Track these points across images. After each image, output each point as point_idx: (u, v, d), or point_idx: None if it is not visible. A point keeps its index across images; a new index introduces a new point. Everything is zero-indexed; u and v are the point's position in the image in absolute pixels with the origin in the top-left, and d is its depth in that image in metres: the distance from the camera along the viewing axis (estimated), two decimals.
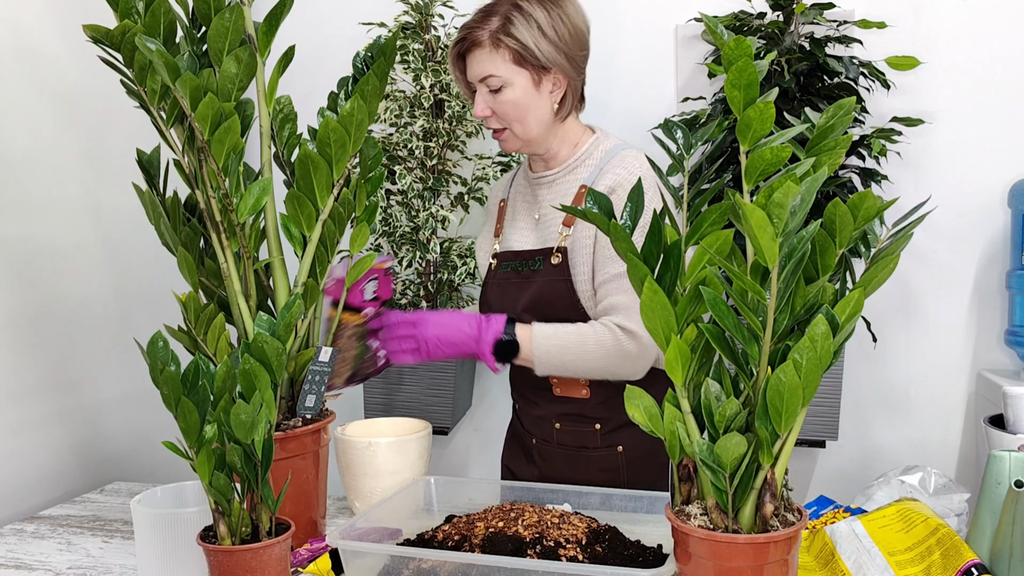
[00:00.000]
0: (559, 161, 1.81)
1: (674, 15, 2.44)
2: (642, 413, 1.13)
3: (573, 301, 1.75)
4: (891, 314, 2.39)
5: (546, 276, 1.77)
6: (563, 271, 1.75)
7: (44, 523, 1.79)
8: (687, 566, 1.13)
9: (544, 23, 1.69)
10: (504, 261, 1.86)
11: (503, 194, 1.95)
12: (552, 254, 1.76)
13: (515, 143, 1.77)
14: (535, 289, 1.78)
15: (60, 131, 2.14)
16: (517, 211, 1.89)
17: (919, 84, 2.30)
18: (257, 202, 1.55)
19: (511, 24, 1.68)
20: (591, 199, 1.14)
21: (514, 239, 1.86)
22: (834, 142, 1.10)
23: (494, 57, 1.69)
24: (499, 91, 1.71)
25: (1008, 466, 1.32)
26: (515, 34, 1.68)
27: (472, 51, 1.72)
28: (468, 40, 1.71)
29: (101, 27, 1.47)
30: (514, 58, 1.69)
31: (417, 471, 1.69)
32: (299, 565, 1.45)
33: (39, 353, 2.05)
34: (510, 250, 1.85)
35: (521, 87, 1.71)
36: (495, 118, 1.75)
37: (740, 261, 1.13)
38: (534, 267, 1.80)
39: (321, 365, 1.63)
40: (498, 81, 1.70)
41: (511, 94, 1.70)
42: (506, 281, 1.84)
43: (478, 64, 1.71)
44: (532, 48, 1.68)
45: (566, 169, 1.80)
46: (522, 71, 1.70)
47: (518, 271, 1.82)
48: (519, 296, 1.81)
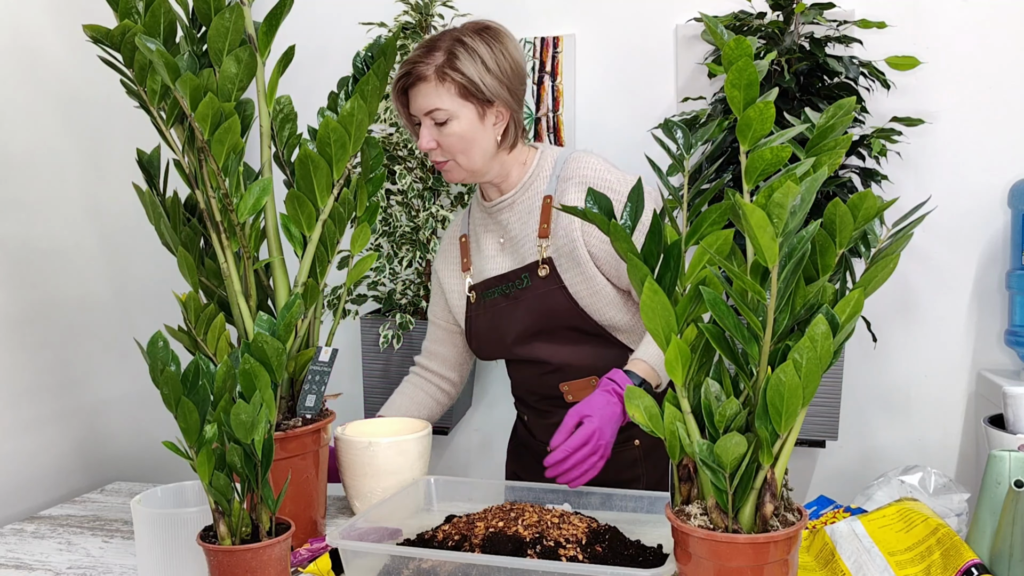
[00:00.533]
0: (512, 183, 1.83)
1: (674, 15, 2.45)
2: (642, 413, 1.13)
3: (572, 305, 1.76)
4: (891, 314, 2.39)
5: (538, 289, 1.79)
6: (554, 280, 1.77)
7: (44, 523, 1.79)
8: (687, 566, 1.13)
9: (487, 58, 1.72)
10: (487, 289, 1.86)
11: (462, 230, 1.95)
12: (538, 267, 1.78)
13: (459, 174, 1.79)
14: (530, 304, 1.79)
15: (60, 131, 2.14)
16: (481, 242, 1.90)
17: (919, 84, 2.30)
18: (257, 202, 1.55)
19: (456, 58, 1.70)
20: (591, 199, 1.14)
21: (486, 267, 1.87)
22: (834, 142, 1.10)
23: (440, 91, 1.71)
24: (444, 124, 1.72)
25: (1008, 466, 1.32)
26: (460, 68, 1.70)
27: (416, 85, 1.73)
28: (413, 75, 1.73)
29: (101, 27, 1.47)
30: (460, 91, 1.71)
31: (417, 471, 1.69)
32: (299, 565, 1.45)
33: (39, 353, 2.05)
34: (488, 277, 1.86)
35: (467, 120, 1.72)
36: (440, 150, 1.76)
37: (740, 261, 1.13)
38: (521, 285, 1.81)
39: (321, 365, 1.63)
40: (444, 114, 1.71)
41: (457, 127, 1.72)
42: (495, 307, 1.85)
43: (423, 98, 1.72)
44: (477, 82, 1.71)
45: (522, 188, 1.82)
46: (467, 104, 1.72)
47: (506, 294, 1.83)
48: (514, 316, 1.82)
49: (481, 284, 1.87)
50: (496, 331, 1.85)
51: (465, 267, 1.91)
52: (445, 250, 1.97)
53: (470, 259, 1.91)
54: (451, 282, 1.94)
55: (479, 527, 1.39)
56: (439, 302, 1.97)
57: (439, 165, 1.80)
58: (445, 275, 1.95)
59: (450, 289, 1.94)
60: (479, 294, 1.87)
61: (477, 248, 1.90)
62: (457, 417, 2.55)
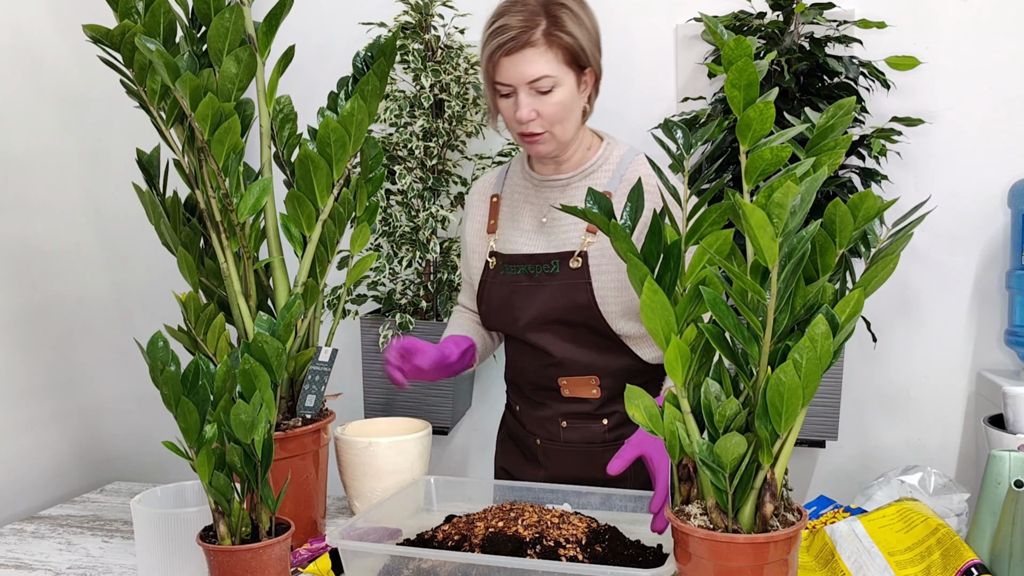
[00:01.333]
0: (572, 165, 1.76)
1: (674, 15, 2.45)
2: (642, 413, 1.13)
3: (591, 305, 1.70)
4: (891, 314, 2.39)
5: (563, 280, 1.72)
6: (582, 275, 1.70)
7: (44, 523, 1.79)
8: (687, 566, 1.13)
9: (584, 18, 1.65)
10: (509, 263, 1.78)
11: (494, 189, 1.85)
12: (572, 258, 1.71)
13: (550, 145, 1.69)
14: (553, 292, 1.73)
15: (60, 131, 2.14)
16: (518, 211, 1.81)
17: (919, 84, 2.30)
18: (257, 202, 1.55)
19: (561, 21, 1.61)
20: (591, 199, 1.14)
21: (518, 241, 1.79)
22: (834, 142, 1.10)
23: (547, 56, 1.61)
24: (549, 92, 1.62)
25: (1008, 466, 1.32)
26: (569, 30, 1.61)
27: (521, 51, 1.61)
28: (520, 40, 1.60)
29: (101, 27, 1.48)
30: (565, 57, 1.62)
31: (417, 471, 1.69)
32: (299, 565, 1.45)
33: (39, 353, 2.05)
34: (517, 253, 1.78)
35: (569, 87, 1.64)
36: (539, 120, 1.65)
37: (740, 261, 1.13)
38: (548, 270, 1.73)
39: (321, 365, 1.63)
40: (550, 82, 1.61)
41: (560, 95, 1.63)
42: (515, 283, 1.77)
43: (528, 65, 1.61)
44: (584, 44, 1.63)
45: (581, 174, 1.75)
46: (570, 71, 1.64)
47: (529, 274, 1.75)
48: (533, 299, 1.76)
49: (506, 256, 1.78)
50: (509, 308, 1.78)
51: (491, 228, 1.82)
52: (474, 204, 1.87)
53: (498, 221, 1.82)
54: (474, 241, 1.85)
55: (479, 527, 1.39)
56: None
57: (532, 139, 1.67)
58: (470, 232, 1.86)
59: (472, 248, 1.86)
60: (500, 263, 1.79)
61: (511, 215, 1.81)
62: (457, 417, 2.55)
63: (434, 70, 2.29)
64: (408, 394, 2.39)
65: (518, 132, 1.68)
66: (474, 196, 1.89)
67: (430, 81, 2.29)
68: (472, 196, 1.90)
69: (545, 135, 1.67)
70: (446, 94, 2.32)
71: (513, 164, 1.87)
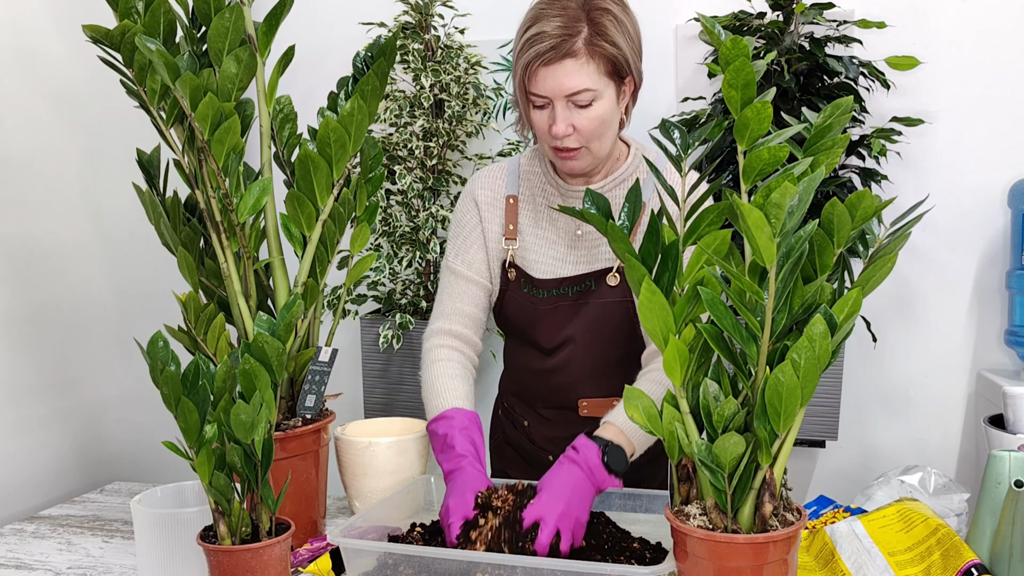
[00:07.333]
0: (604, 174, 1.65)
1: (674, 15, 2.44)
2: (641, 414, 1.13)
3: (631, 322, 1.60)
4: (891, 314, 2.39)
5: (600, 298, 1.62)
6: (622, 292, 1.61)
7: (44, 523, 1.79)
8: (686, 566, 1.13)
9: (628, 24, 1.52)
10: (539, 287, 1.65)
11: (509, 190, 1.71)
12: (609, 274, 1.61)
13: (585, 161, 1.57)
14: (587, 312, 1.63)
15: (60, 131, 2.14)
16: (543, 221, 1.68)
17: (919, 84, 2.30)
18: (257, 202, 1.55)
19: (604, 29, 1.48)
20: (588, 199, 1.14)
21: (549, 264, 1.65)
22: (832, 141, 1.10)
23: (588, 68, 1.48)
24: (587, 106, 1.50)
25: (1008, 466, 1.32)
26: (614, 39, 1.48)
27: (561, 62, 1.48)
28: (560, 50, 1.47)
29: (101, 27, 1.48)
30: (607, 68, 1.50)
31: (417, 471, 1.69)
32: (299, 565, 1.45)
33: (39, 353, 2.05)
34: (551, 278, 1.65)
35: (609, 100, 1.52)
36: (575, 136, 1.53)
37: (738, 261, 1.13)
38: (582, 288, 1.63)
39: (321, 365, 1.63)
40: (590, 95, 1.49)
41: (599, 109, 1.51)
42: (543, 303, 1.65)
43: (568, 77, 1.48)
44: (627, 54, 1.51)
45: (613, 182, 1.64)
46: (611, 83, 1.51)
47: (563, 295, 1.64)
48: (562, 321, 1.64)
49: (537, 280, 1.66)
50: (534, 327, 1.67)
51: (510, 235, 1.68)
52: (485, 203, 1.71)
53: (518, 227, 1.68)
54: (490, 244, 1.71)
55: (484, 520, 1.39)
56: (476, 254, 1.70)
57: (567, 154, 1.56)
58: (491, 233, 1.70)
59: (488, 250, 1.70)
60: (524, 281, 1.67)
61: (534, 224, 1.68)
62: None
63: (434, 70, 2.29)
64: (408, 394, 2.39)
65: (551, 146, 1.57)
66: (483, 192, 1.72)
67: (430, 81, 2.29)
68: (480, 191, 1.72)
69: (581, 151, 1.56)
70: (446, 94, 2.32)
71: (525, 163, 1.73)
